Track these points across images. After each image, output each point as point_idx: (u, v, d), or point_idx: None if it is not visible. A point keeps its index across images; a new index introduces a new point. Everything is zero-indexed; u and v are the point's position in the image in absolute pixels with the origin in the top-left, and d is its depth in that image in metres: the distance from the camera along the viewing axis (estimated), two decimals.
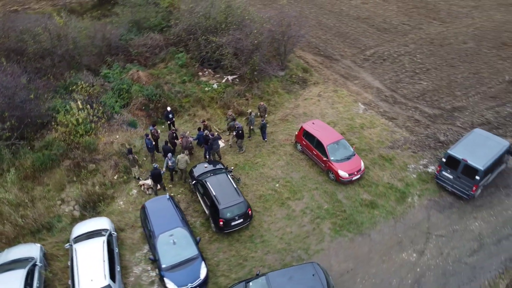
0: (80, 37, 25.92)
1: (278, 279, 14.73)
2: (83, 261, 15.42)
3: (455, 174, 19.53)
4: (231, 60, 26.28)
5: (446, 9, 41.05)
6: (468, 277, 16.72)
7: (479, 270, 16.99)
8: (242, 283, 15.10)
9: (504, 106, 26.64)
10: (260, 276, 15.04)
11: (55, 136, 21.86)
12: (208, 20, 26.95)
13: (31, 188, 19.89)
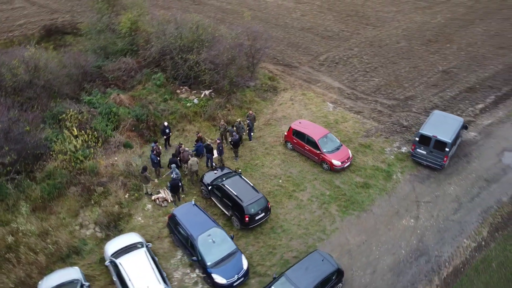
0: (58, 67, 26.02)
1: (296, 273, 16.15)
2: (132, 272, 16.19)
3: (427, 149, 23.11)
4: (212, 75, 27.98)
5: (374, 15, 46.36)
6: (458, 230, 20.09)
7: (464, 224, 20.48)
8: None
9: (445, 92, 31.38)
10: (279, 278, 16.21)
11: (55, 165, 21.91)
12: (181, 40, 28.44)
13: (45, 218, 19.88)
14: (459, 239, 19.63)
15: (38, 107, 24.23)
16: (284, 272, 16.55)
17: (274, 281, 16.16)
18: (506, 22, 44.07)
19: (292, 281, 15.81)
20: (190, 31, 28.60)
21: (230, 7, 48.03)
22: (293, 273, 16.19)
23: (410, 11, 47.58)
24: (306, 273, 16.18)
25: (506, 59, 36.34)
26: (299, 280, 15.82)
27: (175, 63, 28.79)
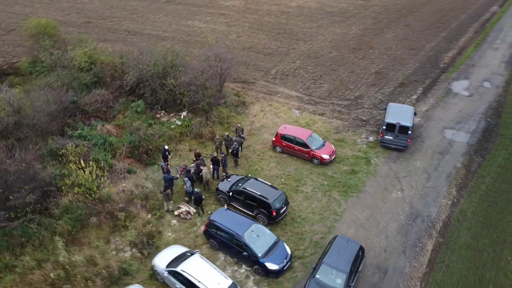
0: (41, 105, 25.88)
1: (332, 258, 18.59)
2: (199, 274, 17.70)
3: (394, 135, 27.88)
4: (191, 96, 29.90)
5: (300, 31, 51.91)
6: (435, 194, 24.84)
7: (437, 188, 25.34)
8: (311, 279, 18.15)
9: (383, 89, 37.16)
10: (320, 266, 18.47)
11: (70, 199, 22.16)
12: (156, 67, 29.99)
13: (79, 250, 20.20)
14: (438, 200, 24.32)
15: (33, 146, 23.95)
16: (321, 260, 18.82)
17: (316, 270, 18.39)
18: (407, 28, 52.66)
19: (332, 266, 18.33)
20: (163, 57, 30.19)
21: (167, 35, 49.81)
22: (329, 259, 18.69)
23: (328, 25, 54.07)
24: (339, 256, 18.81)
25: (418, 58, 43.85)
26: (337, 263, 18.41)
27: (153, 89, 30.10)
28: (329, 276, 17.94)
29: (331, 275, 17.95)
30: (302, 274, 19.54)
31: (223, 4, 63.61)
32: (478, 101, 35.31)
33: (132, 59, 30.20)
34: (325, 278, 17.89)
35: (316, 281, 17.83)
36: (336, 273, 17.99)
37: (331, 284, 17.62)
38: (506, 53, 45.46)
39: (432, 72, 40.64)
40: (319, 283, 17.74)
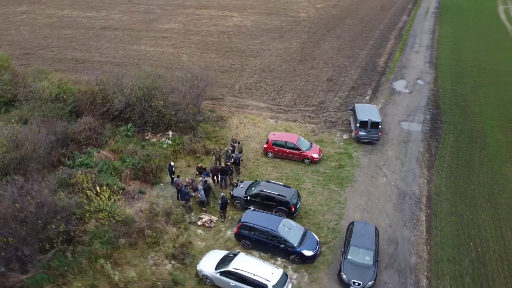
0: (40, 138, 25.60)
1: (358, 240, 21.43)
2: (252, 269, 19.54)
3: (366, 130, 31.99)
4: (179, 115, 31.30)
5: (246, 48, 55.27)
6: (412, 175, 29.21)
7: (412, 171, 29.77)
8: (344, 260, 20.67)
9: (339, 93, 41.70)
10: (349, 248, 21.11)
11: (95, 224, 22.59)
12: (142, 90, 30.97)
13: (121, 270, 20.82)
14: (416, 180, 28.70)
15: (42, 178, 23.74)
16: (349, 243, 21.55)
17: (347, 252, 21.09)
18: (339, 39, 58.72)
19: (360, 246, 21.17)
20: (147, 80, 31.29)
21: (119, 60, 50.02)
22: (355, 241, 21.51)
23: (269, 41, 58.16)
24: (362, 237, 21.74)
25: (358, 64, 49.51)
26: (363, 243, 21.32)
27: (140, 112, 30.96)
28: (359, 255, 20.83)
29: (360, 254, 20.86)
30: (331, 257, 22.18)
31: (161, 28, 64.77)
32: (418, 96, 41.27)
33: (116, 85, 30.72)
34: (356, 257, 20.75)
35: (349, 261, 20.60)
36: (364, 251, 20.95)
37: (363, 262, 20.52)
38: (426, 54, 53.14)
39: (374, 75, 46.29)
40: (352, 262, 20.53)
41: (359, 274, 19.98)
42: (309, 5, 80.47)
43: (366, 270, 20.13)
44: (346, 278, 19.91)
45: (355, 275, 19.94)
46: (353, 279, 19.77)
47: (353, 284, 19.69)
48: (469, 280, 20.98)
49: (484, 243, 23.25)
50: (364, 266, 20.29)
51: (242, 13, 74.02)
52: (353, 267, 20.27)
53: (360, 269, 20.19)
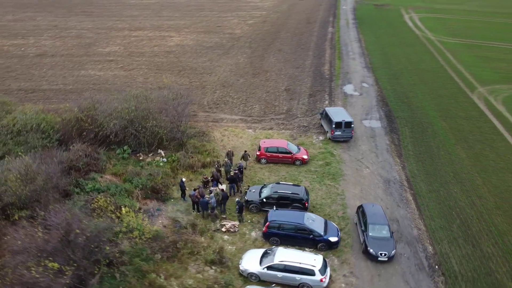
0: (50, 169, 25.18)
1: (373, 218, 24.62)
2: (295, 259, 21.79)
3: (341, 130, 35.89)
4: (177, 132, 32.40)
5: (198, 66, 57.05)
6: (388, 164, 33.56)
7: (387, 160, 34.15)
8: (367, 237, 23.81)
9: (301, 100, 45.52)
10: (368, 226, 24.21)
11: (129, 245, 23.19)
12: (133, 112, 31.54)
13: (169, 284, 21.77)
14: (393, 167, 33.10)
15: (60, 207, 23.51)
16: (366, 222, 24.72)
17: (367, 230, 24.27)
18: (281, 52, 63.20)
19: (376, 223, 24.48)
20: (133, 102, 31.96)
21: (72, 87, 48.91)
22: (371, 219, 24.75)
23: (217, 58, 60.66)
24: (375, 216, 25.09)
25: (306, 74, 54.08)
26: (378, 220, 24.66)
27: (132, 133, 31.47)
28: (377, 231, 24.15)
29: (378, 229, 24.19)
30: (351, 240, 25.18)
31: (102, 52, 63.89)
32: (368, 97, 46.64)
33: (107, 109, 30.94)
34: (375, 233, 24.05)
35: (372, 237, 23.81)
36: (380, 227, 24.34)
37: (382, 235, 23.88)
38: (361, 61, 59.62)
39: (324, 82, 51.05)
40: (374, 237, 23.78)
41: (383, 246, 23.34)
42: (240, 22, 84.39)
43: (387, 242, 23.58)
44: (373, 251, 23.05)
45: (380, 248, 23.24)
46: (379, 251, 23.05)
47: (381, 255, 22.95)
48: (462, 241, 25.29)
49: (462, 211, 27.95)
50: (384, 239, 23.72)
51: (179, 32, 75.44)
52: (376, 241, 23.57)
53: (382, 241, 23.57)
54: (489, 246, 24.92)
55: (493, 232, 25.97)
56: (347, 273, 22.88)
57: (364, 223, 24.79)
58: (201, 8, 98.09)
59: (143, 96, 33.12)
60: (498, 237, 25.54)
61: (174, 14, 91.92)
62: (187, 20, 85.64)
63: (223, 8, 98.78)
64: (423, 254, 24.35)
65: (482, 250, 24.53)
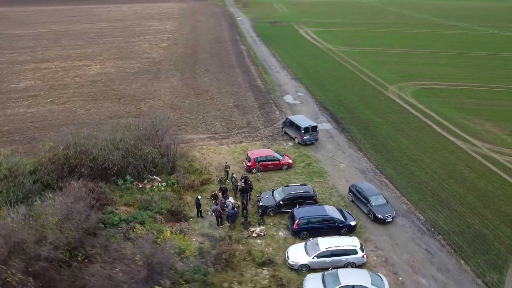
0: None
1: (369, 191, 29.99)
2: (338, 244, 25.30)
3: (309, 134, 40.53)
4: (172, 156, 33.20)
5: (135, 92, 56.90)
6: (357, 157, 39.10)
7: (354, 154, 39.66)
8: (371, 207, 28.94)
9: (254, 113, 49.18)
10: (370, 198, 29.38)
11: (182, 264, 24.25)
12: (130, 141, 31.58)
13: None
14: (361, 159, 38.72)
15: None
16: (366, 196, 29.83)
17: (370, 202, 29.26)
18: (209, 72, 66.05)
19: (373, 195, 29.93)
20: (128, 131, 32.13)
21: (9, 127, 45.26)
22: (369, 192, 30.18)
23: (150, 83, 60.99)
24: (370, 189, 30.67)
25: (244, 89, 57.89)
26: (374, 192, 30.36)
27: (130, 162, 31.58)
28: (376, 200, 29.46)
29: (377, 199, 29.52)
30: (361, 223, 29.55)
31: (17, 88, 59.36)
32: (308, 105, 52.39)
33: (101, 141, 30.58)
34: (377, 202, 29.48)
35: (375, 206, 29.20)
36: (377, 196, 29.84)
37: (381, 203, 29.52)
38: (286, 73, 65.77)
39: (265, 95, 55.52)
40: (377, 205, 29.21)
41: (386, 211, 29.18)
42: (152, 46, 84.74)
43: (387, 207, 29.57)
44: (381, 216, 28.73)
45: (384, 212, 28.98)
46: (385, 215, 28.88)
47: (387, 217, 28.85)
48: (439, 207, 31.50)
49: (428, 185, 34.44)
50: (384, 205, 29.59)
51: (93, 61, 73.18)
52: (380, 208, 29.25)
53: (383, 207, 29.37)
54: (459, 206, 31.44)
55: (457, 196, 32.72)
56: (373, 248, 27.03)
57: (364, 197, 29.90)
58: (102, 35, 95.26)
59: (134, 125, 33.13)
60: (462, 199, 32.33)
61: (76, 42, 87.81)
62: (95, 47, 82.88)
63: (125, 33, 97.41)
64: (418, 222, 29.78)
65: (456, 211, 30.95)
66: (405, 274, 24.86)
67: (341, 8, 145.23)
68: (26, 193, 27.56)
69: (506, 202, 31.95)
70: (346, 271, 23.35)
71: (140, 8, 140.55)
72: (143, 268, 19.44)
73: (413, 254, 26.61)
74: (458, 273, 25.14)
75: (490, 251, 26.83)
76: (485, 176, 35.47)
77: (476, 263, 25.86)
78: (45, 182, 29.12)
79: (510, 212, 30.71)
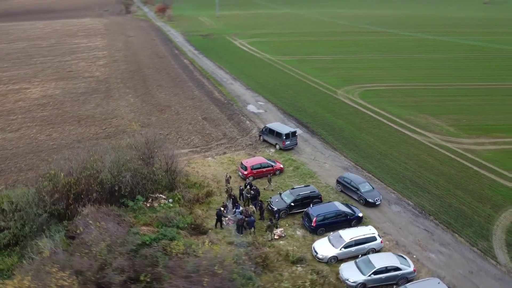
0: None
1: (357, 180, 34.16)
2: (358, 233, 28.14)
3: (290, 139, 43.25)
4: (170, 174, 33.50)
5: (94, 113, 55.16)
6: (336, 156, 42.64)
7: (332, 155, 43.21)
8: (362, 194, 32.86)
9: (226, 125, 50.73)
10: (359, 186, 33.18)
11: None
12: (138, 160, 31.37)
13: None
14: (340, 158, 42.29)
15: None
16: (355, 185, 33.47)
17: (359, 189, 33.12)
18: (162, 87, 65.97)
19: (361, 182, 34.01)
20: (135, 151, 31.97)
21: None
22: (357, 181, 34.08)
23: (105, 103, 59.36)
24: (357, 179, 34.71)
25: (206, 102, 59.04)
26: (361, 181, 34.27)
27: (143, 183, 31.51)
28: (364, 187, 33.60)
29: (364, 186, 33.51)
30: (363, 214, 32.83)
31: None
32: (272, 112, 55.23)
33: (109, 164, 30.13)
34: (364, 188, 33.50)
35: (365, 192, 33.24)
36: (365, 184, 33.89)
37: (369, 189, 33.68)
38: (239, 84, 68.15)
39: (229, 106, 57.23)
40: (366, 191, 33.35)
41: (374, 195, 33.43)
42: (90, 64, 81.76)
43: (374, 192, 33.96)
44: (372, 200, 32.91)
45: (374, 197, 33.24)
46: (375, 198, 33.01)
47: (376, 200, 32.97)
48: (420, 192, 35.72)
49: (404, 174, 38.82)
50: (372, 191, 33.88)
51: (31, 83, 69.06)
52: (369, 193, 33.50)
53: (371, 192, 33.69)
54: (435, 190, 36.18)
55: (431, 182, 37.54)
56: (382, 234, 30.25)
57: (353, 186, 33.87)
58: (28, 55, 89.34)
59: (134, 145, 32.90)
60: (435, 183, 37.19)
61: (1, 64, 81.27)
62: (26, 69, 77.75)
63: (54, 52, 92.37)
64: (409, 207, 33.84)
65: (435, 194, 35.63)
66: (417, 252, 28.36)
67: (264, 20, 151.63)
68: (39, 225, 26.31)
69: (470, 181, 37.39)
70: (376, 256, 26.12)
71: (59, 25, 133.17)
72: (222, 278, 20.21)
73: (416, 234, 30.32)
74: (457, 245, 29.29)
75: (473, 224, 31.52)
76: (446, 162, 40.93)
77: (466, 235, 30.27)
78: (54, 212, 27.87)
79: (475, 189, 36.06)
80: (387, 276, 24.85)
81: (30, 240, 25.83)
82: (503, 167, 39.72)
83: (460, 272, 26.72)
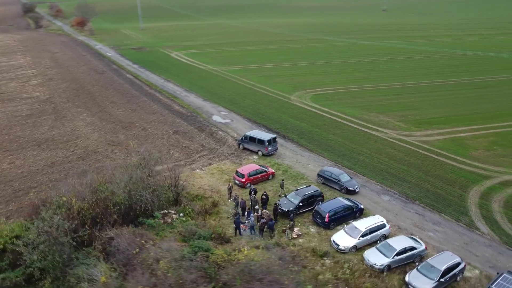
0: None
1: (338, 172, 37.68)
2: (371, 222, 31.35)
3: (271, 145, 45.42)
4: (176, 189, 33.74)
5: (53, 136, 52.11)
6: (315, 158, 45.85)
7: (312, 157, 46.35)
8: (346, 187, 36.17)
9: (200, 136, 51.41)
10: (340, 178, 36.86)
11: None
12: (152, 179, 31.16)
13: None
14: (319, 158, 45.36)
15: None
16: (336, 177, 36.89)
17: (340, 180, 36.67)
18: (115, 104, 64.28)
19: (341, 174, 37.97)
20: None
21: None
22: (337, 173, 37.89)
23: (60, 124, 56.32)
24: (337, 170, 38.61)
25: (170, 116, 58.89)
26: (340, 172, 38.55)
27: (156, 200, 31.44)
28: (343, 177, 37.55)
29: (344, 177, 37.61)
30: (364, 205, 36.20)
31: None
32: (239, 122, 56.95)
33: (122, 183, 29.74)
34: (344, 179, 37.57)
35: (345, 182, 37.25)
36: (344, 175, 38.09)
37: (348, 179, 37.74)
38: (194, 96, 68.69)
39: (194, 118, 57.76)
40: (346, 181, 37.48)
41: (353, 184, 37.64)
42: (22, 84, 76.42)
43: (352, 181, 38.25)
44: (352, 188, 37.03)
45: (353, 185, 37.45)
46: (354, 187, 37.18)
47: (356, 188, 37.23)
48: (397, 181, 40.05)
49: (379, 167, 42.99)
50: (350, 180, 38.09)
51: None
52: (349, 182, 37.60)
53: (350, 181, 37.96)
54: (410, 178, 40.89)
55: (404, 172, 42.20)
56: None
57: (334, 178, 37.76)
58: None
59: (141, 164, 32.61)
60: (408, 173, 41.95)
61: None
62: None
63: None
64: (396, 195, 38.00)
65: (411, 182, 40.31)
66: (418, 233, 32.24)
67: (190, 31, 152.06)
68: (68, 255, 25.39)
69: (434, 168, 42.81)
70: (393, 239, 29.34)
71: None
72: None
73: (411, 218, 34.32)
74: (446, 222, 33.81)
75: (451, 203, 36.47)
76: (410, 154, 46.24)
77: (450, 214, 35.01)
78: (76, 239, 26.94)
79: (441, 174, 41.45)
80: (406, 256, 28.10)
81: (59, 271, 24.74)
82: (456, 153, 45.94)
83: (458, 244, 31.00)
